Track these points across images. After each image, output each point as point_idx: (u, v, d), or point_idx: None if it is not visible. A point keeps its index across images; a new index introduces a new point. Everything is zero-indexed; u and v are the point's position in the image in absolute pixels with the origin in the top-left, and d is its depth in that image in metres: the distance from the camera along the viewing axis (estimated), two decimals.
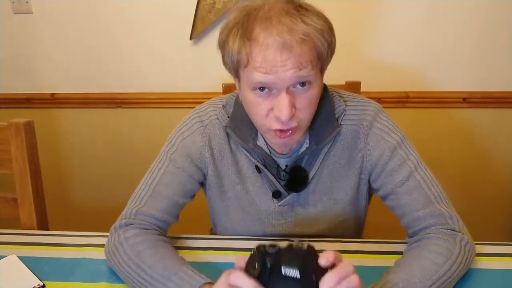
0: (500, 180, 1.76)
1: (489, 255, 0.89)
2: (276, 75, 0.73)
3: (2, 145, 1.09)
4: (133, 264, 0.80)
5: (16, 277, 0.85)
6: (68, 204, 1.92)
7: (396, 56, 1.60)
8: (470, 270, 0.84)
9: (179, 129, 0.96)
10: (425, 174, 0.89)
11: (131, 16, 1.62)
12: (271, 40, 0.72)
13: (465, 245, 0.82)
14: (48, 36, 1.67)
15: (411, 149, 0.91)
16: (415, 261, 0.79)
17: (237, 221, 0.99)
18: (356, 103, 0.93)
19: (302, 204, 0.94)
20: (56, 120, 1.80)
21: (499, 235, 1.83)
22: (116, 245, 0.85)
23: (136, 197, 0.92)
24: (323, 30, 0.75)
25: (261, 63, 0.74)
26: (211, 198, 1.01)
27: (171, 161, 0.93)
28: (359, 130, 0.90)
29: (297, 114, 0.79)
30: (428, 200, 0.86)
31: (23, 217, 1.11)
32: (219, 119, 0.93)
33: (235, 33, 0.75)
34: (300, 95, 0.78)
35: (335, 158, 0.92)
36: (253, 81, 0.76)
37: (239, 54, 0.75)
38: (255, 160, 0.91)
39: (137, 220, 0.89)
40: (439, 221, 0.84)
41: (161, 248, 0.84)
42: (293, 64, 0.73)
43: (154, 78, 1.70)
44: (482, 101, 1.64)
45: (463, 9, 1.53)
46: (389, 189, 0.90)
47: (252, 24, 0.74)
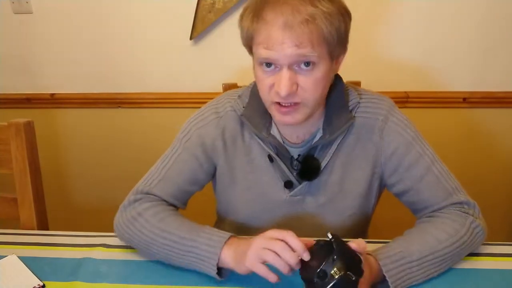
0: (500, 180, 1.76)
1: (489, 255, 0.89)
2: (276, 51, 0.78)
3: (2, 145, 1.09)
4: (157, 229, 0.86)
5: (16, 277, 0.85)
6: (68, 204, 1.92)
7: (396, 56, 1.60)
8: (470, 270, 0.84)
9: (194, 119, 0.99)
10: (442, 168, 0.92)
11: (131, 16, 1.62)
12: (276, 19, 0.77)
13: (475, 228, 0.86)
14: (48, 36, 1.67)
15: (425, 143, 0.93)
16: (419, 234, 0.86)
17: (247, 212, 1.01)
18: (370, 97, 0.95)
19: (313, 194, 0.96)
20: (56, 120, 1.80)
21: (499, 235, 1.83)
22: (134, 216, 0.89)
23: (148, 178, 0.97)
24: (331, 14, 0.78)
25: (264, 39, 0.79)
26: (221, 190, 1.03)
27: (185, 149, 0.97)
28: (373, 124, 0.92)
29: (300, 92, 0.82)
30: (447, 193, 0.91)
31: (23, 217, 1.11)
32: (235, 109, 0.96)
33: (248, 13, 0.82)
34: (304, 75, 0.81)
35: (348, 150, 0.93)
36: (258, 56, 0.82)
37: (248, 31, 0.83)
38: (268, 149, 0.94)
39: (149, 197, 0.93)
40: (455, 205, 0.89)
41: (180, 216, 0.91)
42: (292, 42, 0.77)
43: (154, 78, 1.70)
44: (482, 101, 1.64)
45: (463, 9, 1.53)
46: (408, 184, 0.92)
47: (263, 5, 0.79)
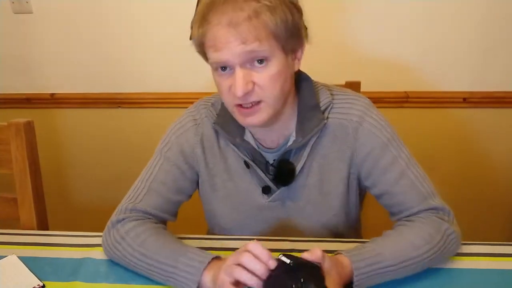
0: (500, 180, 1.76)
1: (489, 255, 0.89)
2: (225, 51, 0.77)
3: (2, 145, 1.09)
4: (139, 254, 0.83)
5: (16, 277, 0.85)
6: (68, 204, 1.92)
7: (396, 56, 1.60)
8: (470, 270, 0.84)
9: (173, 127, 0.99)
10: (417, 171, 0.90)
11: (131, 16, 1.62)
12: (219, 19, 0.77)
13: (449, 234, 0.84)
14: (48, 36, 1.67)
15: (402, 145, 0.91)
16: (395, 237, 0.85)
17: (230, 219, 1.00)
18: (344, 97, 0.93)
19: (292, 198, 0.95)
20: (56, 120, 1.80)
21: (498, 235, 1.83)
22: (118, 240, 0.87)
23: (132, 194, 0.95)
24: (276, 7, 0.77)
25: (211, 42, 0.79)
26: (204, 197, 1.02)
27: (165, 158, 0.96)
28: (347, 125, 0.90)
29: (257, 90, 0.81)
30: (422, 197, 0.89)
31: (23, 217, 1.11)
32: (208, 117, 0.96)
33: (196, 21, 0.81)
34: (259, 72, 0.80)
35: (323, 152, 0.92)
36: (210, 60, 0.82)
37: (198, 38, 0.82)
38: (244, 155, 0.93)
39: (133, 215, 0.91)
40: (430, 210, 0.88)
41: (162, 235, 0.87)
42: (238, 39, 0.76)
43: (154, 78, 1.70)
44: (482, 101, 1.64)
45: (463, 9, 1.53)
46: (383, 188, 0.91)
47: (208, 10, 0.78)
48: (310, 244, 0.93)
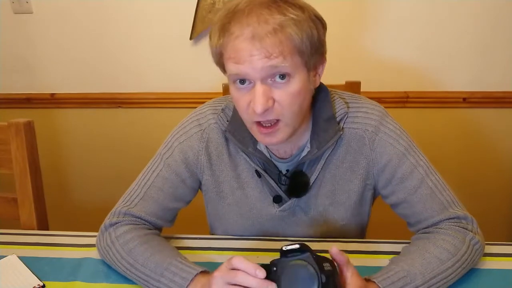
0: (500, 180, 1.76)
1: (489, 255, 0.89)
2: (246, 64, 0.74)
3: (2, 145, 1.09)
4: (127, 263, 0.83)
5: (16, 277, 0.85)
6: (68, 204, 1.92)
7: (396, 56, 1.60)
8: (470, 270, 0.84)
9: (176, 132, 0.95)
10: (437, 180, 0.88)
11: (131, 16, 1.62)
12: (242, 31, 0.73)
13: (474, 244, 0.83)
14: (48, 36, 1.67)
15: (420, 154, 0.89)
16: (419, 253, 0.80)
17: (237, 226, 0.98)
18: (359, 106, 0.90)
19: (303, 208, 0.93)
20: (56, 120, 1.80)
21: (499, 235, 1.83)
22: (109, 244, 0.87)
23: (128, 197, 0.93)
24: (301, 22, 0.74)
25: (232, 54, 0.75)
26: (209, 203, 1.00)
27: (166, 165, 0.93)
28: (363, 135, 0.88)
29: (277, 107, 0.77)
30: (442, 207, 0.86)
31: (23, 217, 1.11)
32: (218, 123, 0.92)
33: (216, 30, 0.77)
34: (280, 89, 0.76)
35: (338, 163, 0.90)
36: (229, 72, 0.78)
37: (217, 48, 0.78)
38: (255, 164, 0.90)
39: (126, 219, 0.90)
40: (452, 220, 0.85)
41: (151, 243, 0.86)
42: (261, 54, 0.72)
43: (154, 78, 1.70)
44: (482, 101, 1.64)
45: (463, 9, 1.53)
46: (401, 197, 0.88)
47: (230, 19, 0.75)
48: (310, 244, 0.92)
